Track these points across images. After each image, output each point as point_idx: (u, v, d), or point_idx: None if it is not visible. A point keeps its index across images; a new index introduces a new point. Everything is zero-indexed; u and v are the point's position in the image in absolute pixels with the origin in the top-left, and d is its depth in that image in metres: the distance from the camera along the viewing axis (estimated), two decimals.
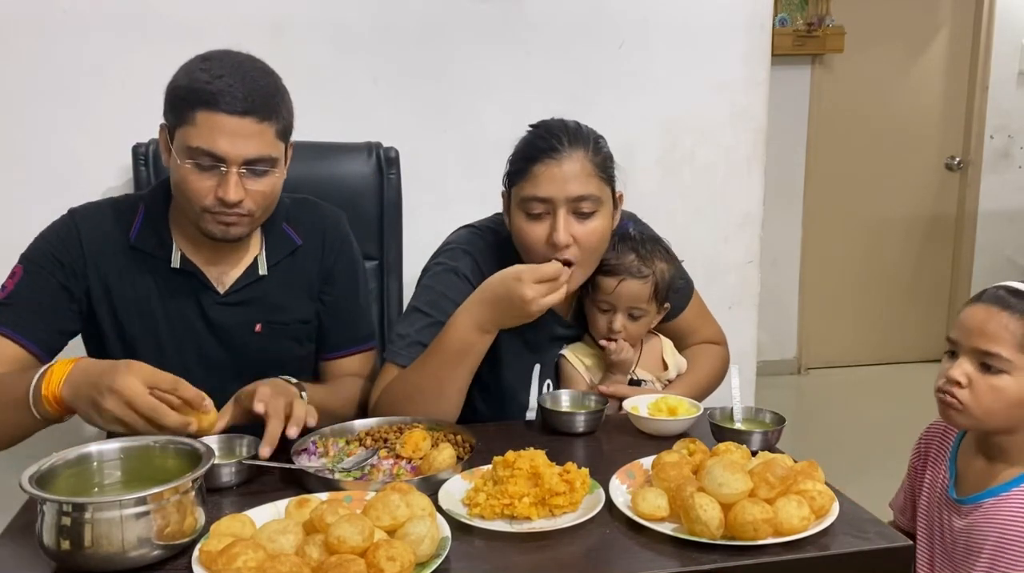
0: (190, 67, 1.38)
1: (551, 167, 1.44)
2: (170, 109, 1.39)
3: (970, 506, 1.35)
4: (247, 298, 1.52)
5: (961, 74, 4.47)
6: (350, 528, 0.97)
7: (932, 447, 1.48)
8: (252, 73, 1.38)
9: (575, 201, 1.45)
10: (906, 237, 4.62)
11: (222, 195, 1.36)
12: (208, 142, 1.34)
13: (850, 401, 4.22)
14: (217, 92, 1.33)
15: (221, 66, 1.36)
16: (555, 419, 1.46)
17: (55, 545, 1.00)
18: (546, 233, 1.45)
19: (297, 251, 1.57)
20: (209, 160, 1.35)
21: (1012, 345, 1.27)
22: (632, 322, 1.61)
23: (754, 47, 2.36)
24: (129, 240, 1.48)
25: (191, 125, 1.35)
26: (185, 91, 1.35)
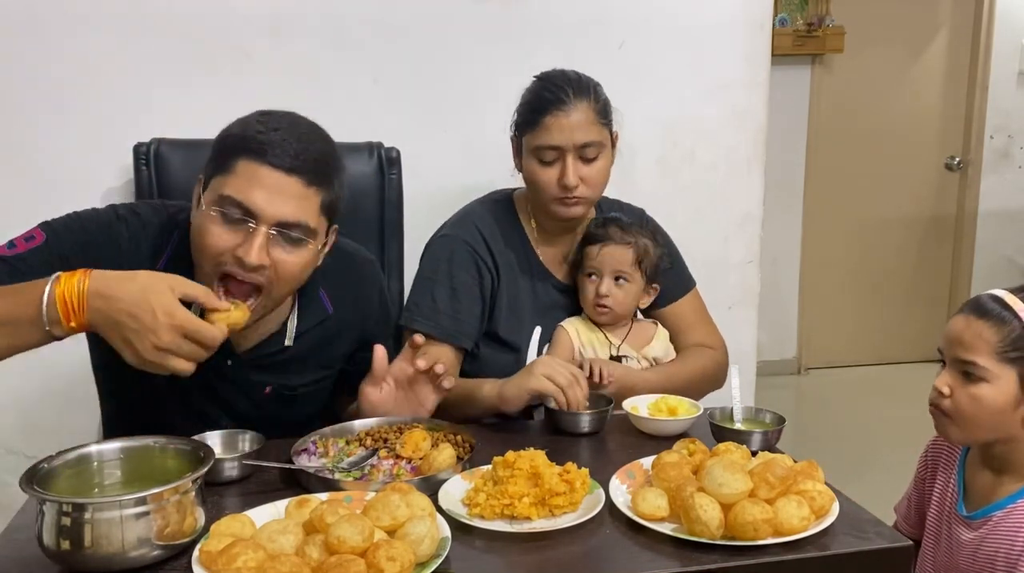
0: (247, 119, 1.28)
1: (559, 118, 1.60)
2: (213, 158, 1.28)
3: (979, 521, 1.34)
4: (265, 364, 1.45)
5: (961, 74, 4.47)
6: (350, 528, 0.97)
7: (940, 459, 1.47)
8: (311, 135, 1.29)
9: (582, 147, 1.61)
10: (906, 237, 4.62)
11: (242, 254, 1.22)
12: (242, 193, 1.22)
13: (850, 401, 4.21)
14: (267, 143, 1.23)
15: (279, 121, 1.27)
16: (561, 419, 1.47)
17: (55, 545, 1.00)
18: (557, 176, 1.62)
19: (327, 321, 1.49)
20: (238, 212, 1.22)
21: (988, 353, 1.27)
22: (617, 288, 1.71)
23: (754, 47, 2.36)
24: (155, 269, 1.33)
25: (229, 174, 1.23)
26: (234, 139, 1.26)
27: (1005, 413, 1.28)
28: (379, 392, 1.44)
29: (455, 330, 1.68)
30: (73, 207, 1.54)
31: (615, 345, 1.74)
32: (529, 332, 1.74)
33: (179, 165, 1.90)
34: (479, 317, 1.71)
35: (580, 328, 1.75)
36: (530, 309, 1.76)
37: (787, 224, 4.37)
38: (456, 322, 1.68)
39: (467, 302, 1.69)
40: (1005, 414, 1.28)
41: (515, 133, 1.70)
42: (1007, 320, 1.27)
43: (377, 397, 1.44)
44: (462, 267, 1.70)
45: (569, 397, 1.43)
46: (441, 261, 1.71)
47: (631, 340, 1.76)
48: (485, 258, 1.72)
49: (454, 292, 1.68)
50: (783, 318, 4.50)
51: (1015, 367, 1.26)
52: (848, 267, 4.58)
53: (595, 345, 1.74)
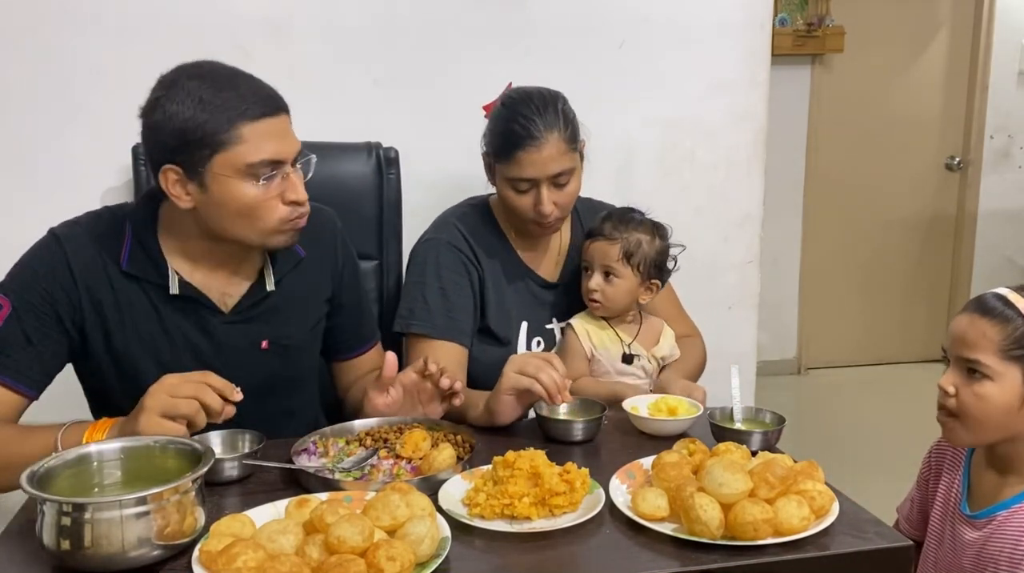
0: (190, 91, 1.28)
1: (531, 153, 1.62)
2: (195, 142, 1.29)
3: (983, 520, 1.34)
4: (253, 316, 1.48)
5: (961, 74, 4.47)
6: (350, 528, 0.97)
7: (945, 460, 1.47)
8: (251, 75, 1.35)
9: (554, 177, 1.65)
10: (906, 237, 4.62)
11: (295, 197, 1.35)
12: (266, 152, 1.30)
13: (850, 401, 4.21)
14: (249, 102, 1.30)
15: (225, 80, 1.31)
16: (552, 427, 1.45)
17: (55, 545, 1.00)
18: (531, 202, 1.67)
19: (301, 263, 1.54)
20: (271, 169, 1.32)
21: (992, 351, 1.27)
22: (607, 282, 1.73)
23: (754, 47, 2.36)
24: (120, 266, 1.40)
25: (238, 143, 1.29)
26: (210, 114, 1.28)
27: (1011, 411, 1.28)
28: (385, 398, 1.46)
29: (452, 328, 1.69)
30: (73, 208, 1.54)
31: (626, 343, 1.75)
32: (516, 328, 1.77)
33: None
34: (472, 314, 1.73)
35: (590, 328, 1.76)
36: (516, 306, 1.78)
37: (787, 224, 4.37)
38: (451, 321, 1.69)
39: (458, 300, 1.71)
40: (1011, 412, 1.28)
41: (487, 156, 1.73)
42: (1011, 318, 1.27)
43: (383, 402, 1.46)
44: (449, 267, 1.72)
45: (544, 382, 1.40)
46: (428, 264, 1.73)
47: (641, 339, 1.78)
48: (469, 256, 1.75)
49: (444, 292, 1.70)
50: (783, 318, 4.50)
51: (1019, 365, 1.27)
52: (848, 267, 4.58)
53: (607, 344, 1.75)
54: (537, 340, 1.79)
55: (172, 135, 1.30)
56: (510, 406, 1.45)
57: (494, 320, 1.75)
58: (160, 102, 1.30)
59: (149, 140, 1.35)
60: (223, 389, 1.21)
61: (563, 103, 1.68)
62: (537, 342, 1.79)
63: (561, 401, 1.42)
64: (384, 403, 1.46)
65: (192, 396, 1.19)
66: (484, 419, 1.48)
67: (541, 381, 1.40)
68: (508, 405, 1.45)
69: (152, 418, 1.18)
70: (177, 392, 1.20)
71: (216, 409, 1.20)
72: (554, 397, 1.41)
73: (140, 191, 1.91)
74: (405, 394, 1.48)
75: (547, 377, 1.40)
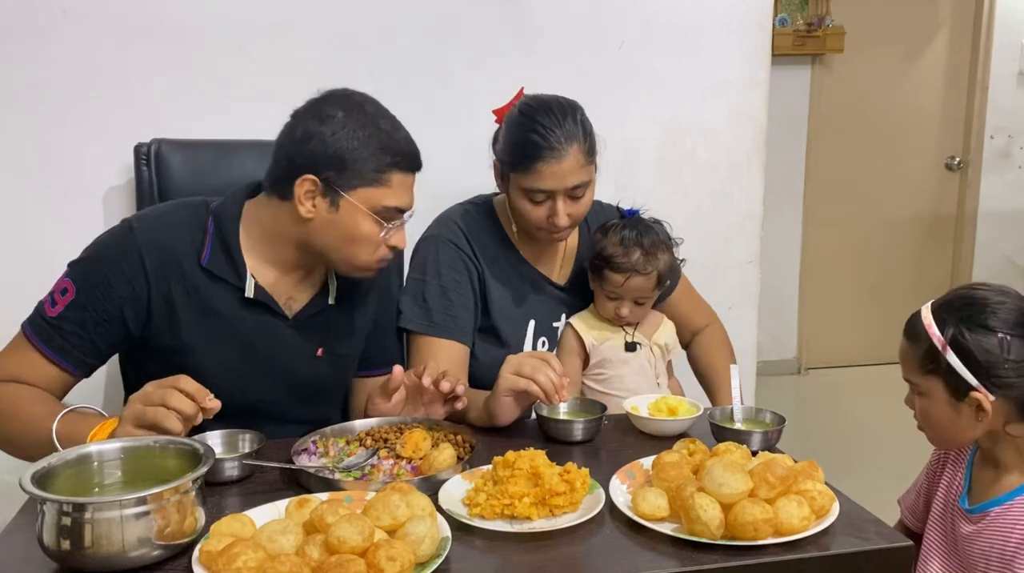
0: (355, 122, 1.39)
1: (552, 165, 1.59)
2: (347, 168, 1.38)
3: (978, 515, 1.35)
4: (313, 324, 1.52)
5: (961, 74, 4.47)
6: (350, 528, 0.97)
7: (951, 454, 1.49)
8: (405, 130, 1.47)
9: (572, 190, 1.63)
10: (906, 237, 4.62)
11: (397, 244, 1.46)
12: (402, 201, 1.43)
13: (850, 401, 4.21)
14: (405, 153, 1.43)
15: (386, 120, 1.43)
16: (552, 427, 1.45)
17: (55, 545, 1.00)
18: (546, 213, 1.64)
19: (363, 281, 1.55)
20: (399, 216, 1.44)
21: (915, 370, 1.36)
22: (638, 307, 1.76)
23: (754, 47, 2.36)
24: (200, 262, 1.42)
25: (385, 186, 1.40)
26: (372, 151, 1.39)
27: (953, 420, 1.33)
28: (388, 402, 1.48)
29: (452, 327, 1.69)
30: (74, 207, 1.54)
31: (629, 332, 1.77)
32: (523, 326, 1.77)
33: (180, 165, 1.91)
34: (472, 312, 1.73)
35: (590, 322, 1.77)
36: (524, 304, 1.78)
37: (787, 224, 4.37)
38: (450, 319, 1.69)
39: (458, 298, 1.71)
40: (953, 421, 1.33)
41: (501, 163, 1.69)
42: (919, 335, 1.34)
43: (386, 407, 1.48)
44: (448, 265, 1.72)
45: (541, 382, 1.40)
46: (428, 262, 1.73)
47: (642, 328, 1.79)
48: (469, 253, 1.74)
49: (444, 290, 1.70)
50: (783, 318, 4.50)
51: (938, 378, 1.32)
52: (848, 267, 4.58)
53: (608, 335, 1.76)
54: (542, 340, 1.79)
55: (332, 152, 1.38)
56: (509, 407, 1.45)
57: (500, 318, 1.75)
58: (334, 118, 1.39)
59: (302, 144, 1.39)
60: (194, 393, 1.22)
61: (582, 114, 1.65)
62: (542, 342, 1.79)
63: (559, 401, 1.42)
64: (387, 408, 1.48)
65: (160, 403, 1.20)
66: (484, 419, 1.48)
67: (538, 381, 1.40)
68: (507, 406, 1.45)
69: (125, 428, 1.22)
70: (148, 400, 1.21)
71: (187, 412, 1.20)
72: (551, 397, 1.40)
73: (140, 191, 1.91)
74: (407, 396, 1.50)
75: (544, 377, 1.40)
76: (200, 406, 1.22)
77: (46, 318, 1.39)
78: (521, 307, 1.78)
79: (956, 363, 1.28)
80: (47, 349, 1.39)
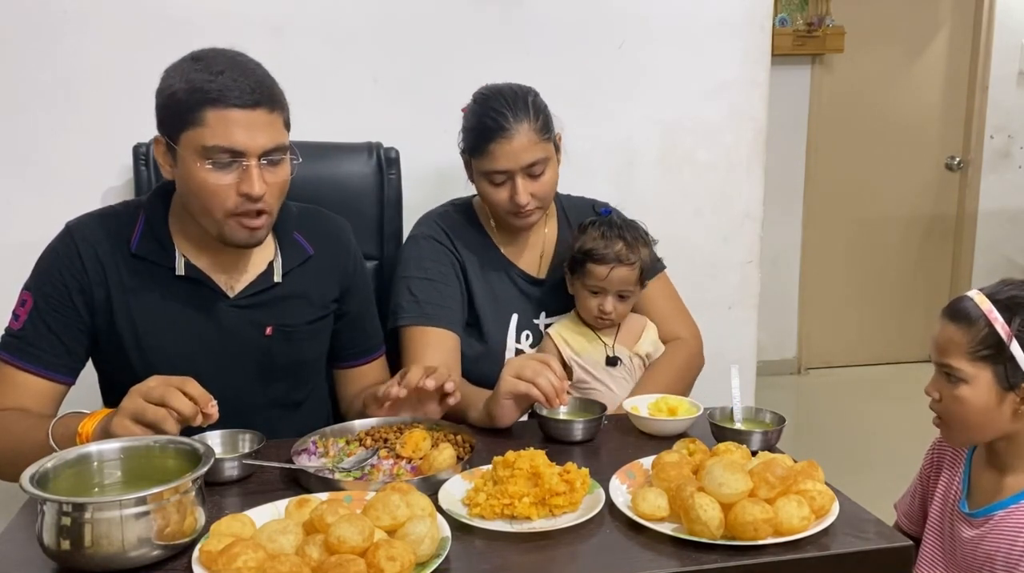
0: (182, 70, 1.35)
1: (503, 145, 1.65)
2: (171, 116, 1.36)
3: (981, 519, 1.35)
4: (258, 302, 1.51)
5: (961, 74, 4.47)
6: (350, 528, 0.97)
7: (946, 456, 1.48)
8: (250, 65, 1.38)
9: (528, 167, 1.67)
10: (906, 237, 4.62)
11: (247, 190, 1.35)
12: (225, 138, 1.32)
13: (850, 401, 4.21)
14: (224, 88, 1.32)
15: (218, 63, 1.34)
16: (552, 427, 1.45)
17: (55, 545, 1.00)
18: (508, 194, 1.69)
19: (309, 261, 1.57)
20: (227, 156, 1.34)
21: (961, 355, 1.31)
22: (621, 302, 1.74)
23: (754, 47, 2.35)
24: (130, 249, 1.45)
25: (201, 126, 1.32)
26: (186, 94, 1.33)
27: (990, 411, 1.31)
28: (382, 410, 1.47)
29: (441, 316, 1.71)
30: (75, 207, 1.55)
31: (609, 345, 1.75)
32: (505, 320, 1.79)
33: None
34: (459, 301, 1.75)
35: (569, 335, 1.76)
36: (505, 298, 1.80)
37: (787, 224, 4.37)
38: (440, 309, 1.71)
39: (445, 289, 1.74)
40: (990, 412, 1.31)
41: (464, 153, 1.75)
42: (975, 320, 1.31)
43: (381, 413, 1.48)
44: (432, 259, 1.76)
45: (542, 386, 1.40)
46: (411, 259, 1.77)
47: (622, 339, 1.77)
48: (449, 247, 1.78)
49: (431, 282, 1.73)
50: (783, 318, 4.50)
51: (988, 365, 1.30)
52: (848, 267, 4.58)
53: (588, 349, 1.74)
54: (526, 333, 1.80)
55: (160, 107, 1.38)
56: (509, 410, 1.45)
57: (483, 311, 1.77)
58: (164, 75, 1.38)
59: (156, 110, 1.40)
60: (198, 397, 1.21)
61: (534, 96, 1.71)
62: (526, 336, 1.80)
63: (559, 404, 1.42)
64: (383, 413, 1.47)
65: (161, 401, 1.20)
66: (484, 421, 1.49)
67: (539, 385, 1.40)
68: (507, 409, 1.45)
69: (123, 420, 1.20)
70: (150, 395, 1.21)
71: (187, 414, 1.20)
72: (552, 401, 1.41)
73: (140, 191, 1.91)
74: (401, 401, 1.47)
75: (545, 381, 1.40)
76: (200, 410, 1.21)
77: (14, 334, 1.43)
78: (503, 302, 1.80)
79: (1020, 354, 1.28)
80: (23, 362, 1.41)
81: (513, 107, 1.67)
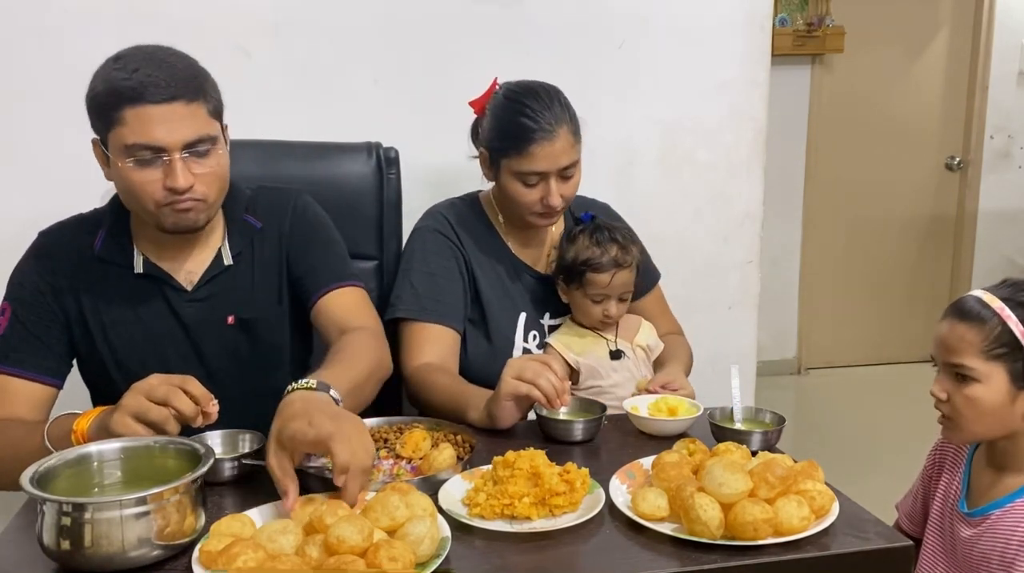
0: (103, 71, 1.36)
1: (545, 147, 1.64)
2: (96, 118, 1.37)
3: (978, 518, 1.35)
4: (215, 291, 1.51)
5: (961, 74, 4.47)
6: (349, 528, 0.97)
7: (948, 457, 1.48)
8: (168, 59, 1.37)
9: (564, 169, 1.68)
10: (906, 237, 4.62)
11: (171, 184, 1.34)
12: (143, 135, 1.32)
13: (850, 401, 4.21)
14: (138, 85, 1.31)
15: (135, 60, 1.34)
16: (552, 427, 1.45)
17: (55, 545, 1.00)
18: (539, 196, 1.68)
19: (257, 234, 1.56)
20: (149, 153, 1.33)
21: (974, 354, 1.30)
22: (622, 303, 1.76)
23: (754, 47, 2.35)
24: (94, 252, 1.47)
25: (121, 125, 1.33)
26: (105, 94, 1.34)
27: (1003, 409, 1.31)
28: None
29: (440, 312, 1.71)
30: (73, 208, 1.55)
31: (610, 340, 1.76)
32: (513, 318, 1.78)
33: None
34: (462, 297, 1.75)
35: (569, 341, 1.76)
36: (511, 295, 1.79)
37: (787, 224, 4.37)
38: (439, 303, 1.71)
39: (447, 284, 1.73)
40: (1003, 410, 1.31)
41: (489, 151, 1.73)
42: (987, 319, 1.30)
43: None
44: (436, 253, 1.75)
45: (543, 388, 1.39)
46: (415, 252, 1.77)
47: (622, 333, 1.79)
48: (454, 240, 1.77)
49: (432, 276, 1.73)
50: (783, 318, 4.50)
51: (1002, 363, 1.30)
52: (848, 267, 4.58)
53: (591, 347, 1.75)
54: (533, 333, 1.80)
55: (89, 103, 1.38)
56: (510, 411, 1.45)
57: (491, 306, 1.76)
58: (93, 76, 1.38)
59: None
60: (200, 397, 1.21)
61: (564, 97, 1.71)
62: (533, 336, 1.80)
63: (560, 405, 1.42)
64: None
65: (164, 400, 1.19)
66: (485, 422, 1.48)
67: (540, 387, 1.39)
68: (508, 410, 1.45)
69: (124, 418, 1.19)
70: (152, 394, 1.20)
71: (189, 415, 1.19)
72: (553, 402, 1.40)
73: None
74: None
75: (545, 382, 1.40)
76: (202, 410, 1.21)
77: None
78: (510, 298, 1.79)
79: None
80: (8, 367, 1.42)
81: (551, 108, 1.66)
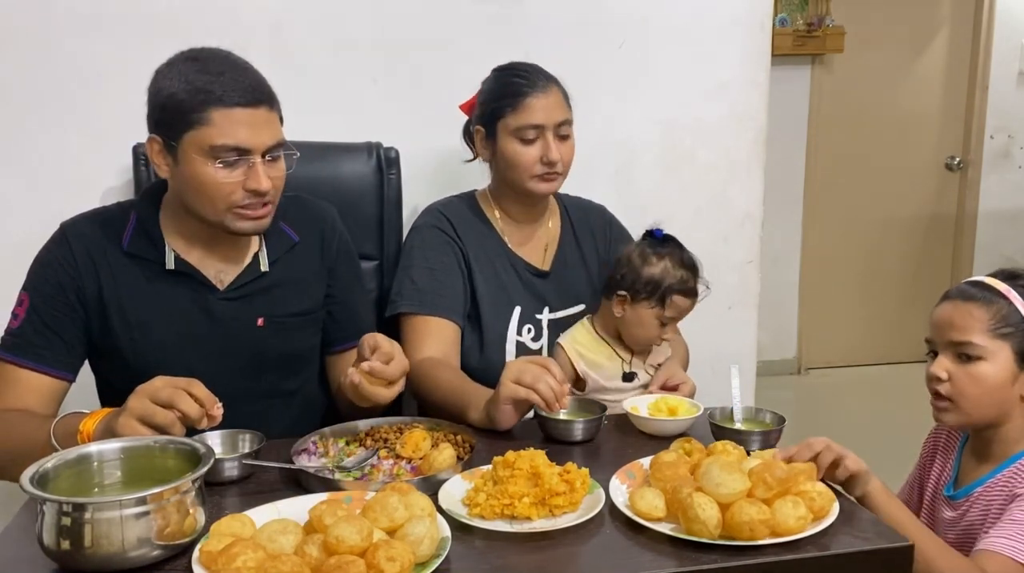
0: (180, 72, 1.38)
1: (539, 99, 1.71)
2: (171, 117, 1.38)
3: (960, 501, 1.38)
4: (248, 294, 1.53)
5: (961, 74, 4.47)
6: (348, 528, 0.97)
7: (940, 444, 1.51)
8: (244, 66, 1.42)
9: (559, 125, 1.72)
10: (906, 237, 4.62)
11: (254, 186, 1.39)
12: (232, 137, 1.37)
13: (850, 401, 4.21)
14: (228, 88, 1.36)
15: (216, 63, 1.39)
16: (552, 427, 1.45)
17: (55, 545, 1.00)
18: (538, 154, 1.71)
19: (295, 248, 1.60)
20: (235, 155, 1.38)
21: (982, 331, 1.33)
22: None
23: (754, 47, 2.35)
24: (122, 247, 1.48)
25: (207, 126, 1.36)
26: (188, 94, 1.36)
27: (1005, 388, 1.34)
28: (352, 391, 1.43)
29: (440, 305, 1.72)
30: (74, 208, 1.55)
31: (627, 361, 1.74)
32: (507, 313, 1.78)
33: None
34: (462, 292, 1.76)
35: (584, 350, 1.73)
36: (507, 291, 1.80)
37: (787, 224, 4.37)
38: (439, 297, 1.72)
39: (447, 278, 1.74)
40: (1004, 390, 1.34)
41: (483, 123, 1.77)
42: (994, 299, 1.34)
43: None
44: (435, 249, 1.77)
45: (542, 392, 1.39)
46: (414, 249, 1.79)
47: (639, 353, 1.75)
48: (452, 235, 1.79)
49: (432, 271, 1.74)
50: (783, 318, 4.50)
51: (1009, 341, 1.33)
52: (848, 267, 4.58)
53: (604, 363, 1.72)
54: (528, 327, 1.80)
55: (157, 108, 1.40)
56: (509, 414, 1.45)
57: (484, 301, 1.77)
58: (157, 76, 1.41)
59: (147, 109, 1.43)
60: (204, 400, 1.22)
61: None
62: (528, 329, 1.80)
63: (559, 408, 1.43)
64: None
65: (169, 402, 1.20)
66: (484, 422, 1.49)
67: (539, 390, 1.39)
68: (507, 413, 1.45)
69: (129, 420, 1.21)
70: (157, 397, 1.21)
71: (194, 417, 1.21)
72: (552, 406, 1.40)
73: (140, 191, 1.91)
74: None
75: (544, 386, 1.40)
76: (207, 413, 1.22)
77: (13, 333, 1.46)
78: (507, 293, 1.80)
79: None
80: (23, 360, 1.43)
81: (540, 71, 1.74)
